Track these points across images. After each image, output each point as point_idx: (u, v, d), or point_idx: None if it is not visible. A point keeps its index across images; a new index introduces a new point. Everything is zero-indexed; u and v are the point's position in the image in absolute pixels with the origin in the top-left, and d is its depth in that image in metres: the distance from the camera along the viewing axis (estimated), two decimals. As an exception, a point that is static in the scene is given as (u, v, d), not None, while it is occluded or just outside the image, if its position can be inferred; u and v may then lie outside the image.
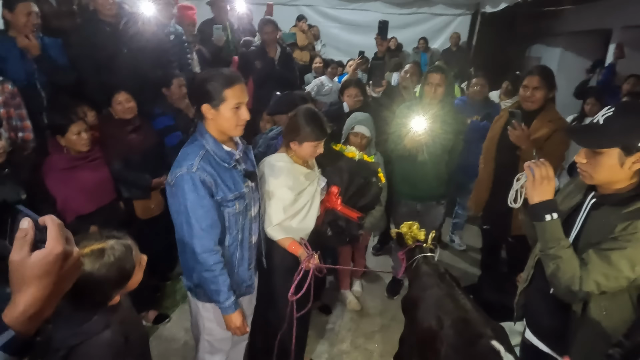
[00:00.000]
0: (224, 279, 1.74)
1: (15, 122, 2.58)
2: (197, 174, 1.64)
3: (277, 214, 2.01)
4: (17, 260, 0.65)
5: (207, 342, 1.95)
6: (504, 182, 2.79)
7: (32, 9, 2.71)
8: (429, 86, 2.87)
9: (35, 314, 0.67)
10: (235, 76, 1.69)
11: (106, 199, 2.80)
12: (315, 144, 2.01)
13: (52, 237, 0.67)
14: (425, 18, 7.99)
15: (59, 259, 0.67)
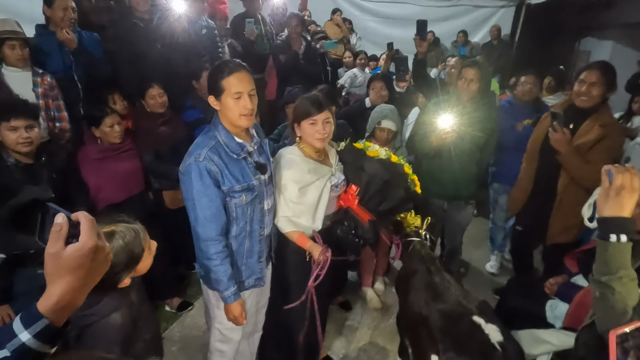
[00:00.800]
0: (224, 269, 1.76)
1: (53, 113, 2.72)
2: (203, 164, 1.68)
3: (283, 207, 2.00)
4: (52, 253, 0.68)
5: (217, 331, 1.99)
6: (544, 186, 2.72)
7: (68, 4, 2.84)
8: (463, 81, 2.75)
9: (67, 304, 0.70)
10: (233, 66, 1.70)
11: (136, 189, 2.91)
12: (312, 121, 1.94)
13: (85, 231, 0.71)
14: (465, 10, 7.71)
15: (91, 253, 0.70)
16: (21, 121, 2.13)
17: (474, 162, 2.91)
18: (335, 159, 2.17)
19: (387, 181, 2.13)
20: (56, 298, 0.69)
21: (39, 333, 0.68)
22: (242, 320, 1.86)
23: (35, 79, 2.64)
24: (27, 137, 2.14)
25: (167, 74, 3.15)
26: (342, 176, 2.12)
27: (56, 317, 0.70)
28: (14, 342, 0.67)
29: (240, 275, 1.89)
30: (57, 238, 0.69)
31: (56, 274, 0.69)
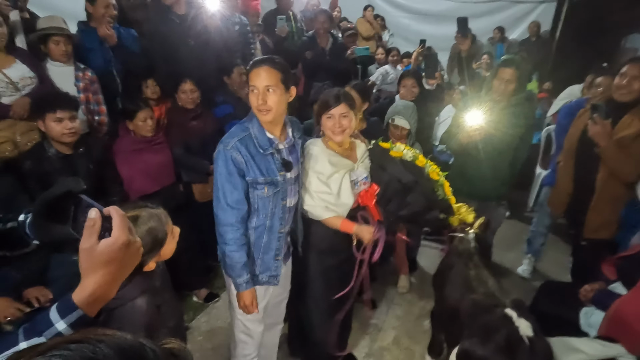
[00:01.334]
0: (240, 256, 1.80)
1: (92, 106, 2.82)
2: (230, 152, 1.75)
3: (307, 198, 2.02)
4: (86, 248, 0.71)
5: (240, 322, 2.02)
6: (585, 184, 2.63)
7: (110, 1, 2.93)
8: (499, 81, 2.66)
9: (100, 296, 0.73)
10: (256, 61, 1.77)
11: (167, 181, 2.99)
12: (329, 115, 1.96)
13: (117, 226, 0.73)
14: (503, 6, 7.44)
15: (123, 248, 0.72)
16: (66, 112, 2.24)
17: (506, 162, 2.83)
18: (364, 155, 2.16)
19: (407, 184, 2.04)
20: (90, 291, 0.72)
21: (73, 323, 0.72)
22: (253, 309, 1.89)
23: (77, 73, 2.75)
24: (71, 128, 2.26)
25: (199, 70, 3.21)
26: (364, 173, 2.08)
27: (90, 308, 0.73)
28: (51, 331, 0.71)
29: (254, 269, 1.92)
30: (91, 233, 0.71)
31: (90, 268, 0.72)
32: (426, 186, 2.09)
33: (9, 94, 2.42)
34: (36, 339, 0.71)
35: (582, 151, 2.62)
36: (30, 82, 2.50)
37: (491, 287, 1.93)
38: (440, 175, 2.16)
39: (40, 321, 0.72)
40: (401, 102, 2.92)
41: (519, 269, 3.69)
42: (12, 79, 2.42)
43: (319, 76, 3.73)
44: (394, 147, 2.19)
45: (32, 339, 0.71)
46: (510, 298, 1.85)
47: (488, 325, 1.71)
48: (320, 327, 2.25)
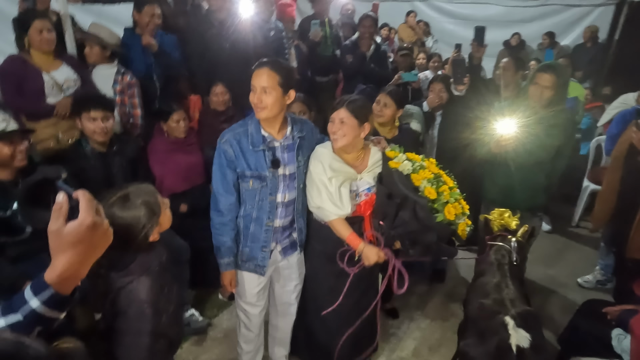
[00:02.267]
0: (224, 240, 1.98)
1: (128, 109, 2.99)
2: (222, 145, 1.92)
3: (314, 196, 2.02)
4: (54, 230, 0.75)
5: (238, 302, 2.22)
6: (629, 197, 2.45)
7: (155, 11, 3.10)
8: (536, 87, 2.53)
9: (70, 275, 0.77)
10: (259, 62, 1.87)
11: (197, 180, 3.10)
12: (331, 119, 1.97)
13: (83, 209, 0.76)
14: (555, 10, 7.08)
15: (89, 229, 0.76)
16: (99, 112, 2.39)
17: (541, 173, 2.68)
18: (376, 163, 2.08)
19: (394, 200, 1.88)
20: (60, 270, 0.76)
21: (47, 300, 0.76)
22: (230, 289, 2.09)
23: (117, 76, 2.93)
24: (103, 127, 2.40)
25: (231, 74, 3.31)
26: (366, 185, 2.02)
27: (61, 287, 0.77)
28: (25, 308, 0.76)
29: (241, 255, 2.06)
30: (58, 216, 0.75)
31: (58, 249, 0.76)
32: (419, 203, 1.87)
33: (54, 94, 2.63)
34: (12, 316, 0.76)
35: (630, 163, 2.46)
36: (74, 84, 2.70)
37: (505, 295, 1.88)
38: (443, 195, 1.91)
39: (17, 300, 0.77)
40: (411, 107, 2.97)
41: (580, 280, 3.49)
42: (57, 80, 2.63)
43: (357, 80, 3.77)
44: (396, 157, 2.03)
45: (9, 316, 0.76)
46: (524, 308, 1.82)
47: (485, 330, 1.77)
48: (321, 332, 2.27)
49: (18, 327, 0.75)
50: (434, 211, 1.91)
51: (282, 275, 2.22)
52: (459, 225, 1.95)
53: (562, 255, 3.91)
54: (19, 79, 2.59)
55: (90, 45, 2.86)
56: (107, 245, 0.82)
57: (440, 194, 1.92)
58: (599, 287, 3.40)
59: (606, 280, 3.41)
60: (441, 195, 1.92)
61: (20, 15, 2.75)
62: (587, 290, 3.37)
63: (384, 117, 2.73)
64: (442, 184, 1.96)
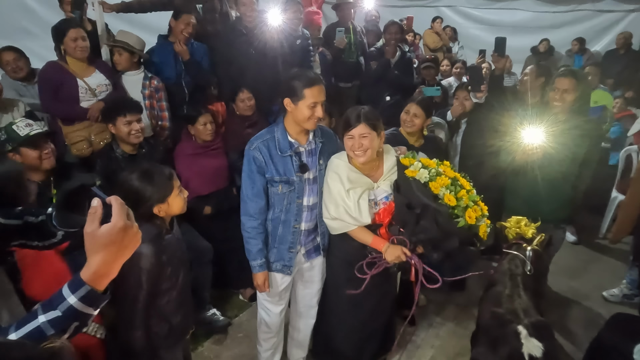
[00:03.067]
0: (256, 243, 2.05)
1: (156, 112, 3.10)
2: (252, 152, 1.99)
3: (331, 209, 2.06)
4: (89, 232, 0.83)
5: (260, 300, 2.30)
6: None
7: (191, 20, 3.21)
8: (556, 92, 2.51)
9: (104, 274, 0.85)
10: (315, 78, 1.95)
11: (222, 184, 3.18)
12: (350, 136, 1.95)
13: (116, 213, 0.84)
14: (586, 16, 6.92)
15: (121, 231, 0.83)
16: (134, 116, 2.53)
17: (567, 183, 2.63)
18: (391, 170, 2.09)
19: (414, 209, 1.88)
20: (94, 268, 0.83)
21: (83, 297, 0.83)
22: (264, 289, 2.14)
23: (145, 82, 3.05)
24: (137, 129, 2.54)
25: (258, 81, 3.38)
26: (384, 193, 2.03)
27: (96, 283, 0.84)
28: (64, 304, 0.83)
29: (269, 256, 2.14)
30: (93, 219, 0.83)
31: (93, 250, 0.83)
32: (440, 211, 1.84)
33: (87, 99, 2.77)
34: (52, 312, 0.83)
35: None
36: (105, 89, 2.83)
37: (517, 305, 1.88)
38: (463, 200, 1.88)
39: (56, 297, 0.84)
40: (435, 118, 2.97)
41: (605, 293, 3.39)
42: (90, 86, 2.76)
43: (380, 86, 3.78)
44: (411, 165, 1.99)
45: (49, 312, 0.83)
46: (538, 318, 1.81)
47: (497, 338, 1.77)
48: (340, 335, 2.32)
49: (57, 323, 0.82)
50: (455, 217, 1.87)
51: (305, 278, 2.29)
52: (480, 227, 1.92)
53: (587, 267, 3.81)
54: (56, 84, 2.74)
55: (120, 52, 2.99)
56: (137, 247, 0.88)
57: (460, 199, 1.88)
58: (625, 302, 3.31)
59: (633, 295, 3.30)
60: (460, 200, 1.89)
61: (57, 24, 2.89)
62: (613, 304, 3.27)
63: (414, 127, 2.74)
64: (460, 188, 1.93)
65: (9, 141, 2.06)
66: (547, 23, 7.10)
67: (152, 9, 3.52)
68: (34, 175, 2.14)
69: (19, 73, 3.11)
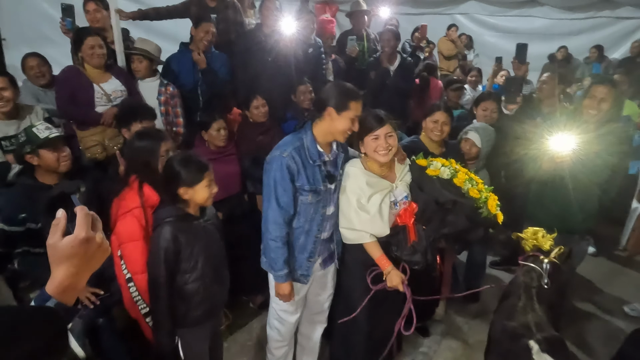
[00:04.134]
0: (283, 252, 1.99)
1: (171, 118, 3.13)
2: (286, 159, 1.91)
3: (351, 216, 2.07)
4: (51, 244, 0.81)
5: (274, 310, 2.24)
6: None
7: (210, 28, 3.25)
8: (592, 100, 2.42)
9: (69, 286, 0.82)
10: (359, 93, 1.98)
11: (234, 190, 3.17)
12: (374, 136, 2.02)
13: (78, 224, 0.81)
14: (604, 23, 6.81)
15: (82, 243, 0.81)
16: (149, 122, 2.56)
17: (595, 194, 2.55)
18: (404, 172, 2.17)
19: (444, 205, 1.98)
20: (58, 281, 0.81)
21: None
22: (290, 299, 2.08)
23: (160, 88, 3.09)
24: None
25: (272, 88, 3.40)
26: (404, 193, 2.08)
27: (63, 297, 0.81)
28: None
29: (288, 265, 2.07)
30: (56, 230, 0.81)
31: (55, 262, 0.81)
32: (467, 205, 2.01)
33: (102, 104, 2.81)
34: None
35: None
36: (121, 95, 2.87)
37: (530, 319, 1.82)
38: (483, 192, 2.05)
39: None
40: (482, 124, 2.86)
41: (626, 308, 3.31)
42: (106, 91, 2.80)
43: (382, 95, 3.75)
44: (430, 165, 2.11)
45: None
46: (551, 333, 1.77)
47: (509, 353, 1.75)
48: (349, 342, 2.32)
49: None
50: (479, 208, 2.05)
51: (319, 285, 2.26)
52: (498, 215, 2.11)
53: (607, 280, 3.70)
54: (73, 88, 2.79)
55: (140, 60, 3.03)
56: (105, 258, 0.86)
57: (481, 191, 2.06)
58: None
59: None
60: (482, 192, 2.06)
61: (75, 32, 2.96)
62: (634, 319, 3.16)
63: (443, 135, 2.64)
64: (476, 183, 2.09)
65: (29, 143, 2.10)
66: (564, 30, 7.00)
67: (168, 16, 3.58)
68: (48, 178, 2.16)
69: (42, 79, 3.18)
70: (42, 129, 2.13)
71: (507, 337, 1.81)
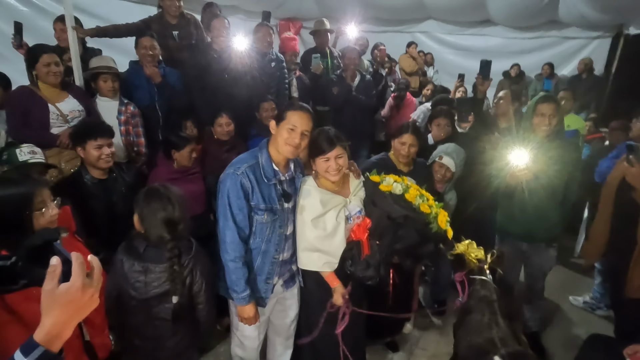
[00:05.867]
0: (244, 272, 1.93)
1: (132, 138, 3.04)
2: (239, 177, 1.88)
3: (304, 238, 2.08)
4: (48, 290, 0.80)
5: (236, 337, 2.19)
6: (622, 232, 2.42)
7: (147, 44, 3.21)
8: (541, 117, 2.57)
9: (58, 333, 0.81)
10: (302, 106, 1.96)
11: (199, 209, 3.10)
12: (325, 158, 2.02)
13: (75, 272, 0.82)
14: (553, 42, 7.24)
15: (78, 291, 0.81)
16: (105, 140, 2.45)
17: (554, 203, 2.68)
18: (358, 187, 2.21)
19: (396, 220, 2.02)
20: (47, 328, 0.80)
21: (37, 359, 0.79)
22: (255, 321, 2.02)
23: (120, 107, 3.00)
24: (108, 154, 2.45)
25: (233, 103, 3.38)
26: (357, 207, 2.11)
27: (50, 344, 0.80)
28: None
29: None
30: (52, 277, 0.80)
31: (49, 308, 0.80)
32: (418, 220, 2.05)
33: (58, 124, 2.69)
34: None
35: (622, 198, 2.42)
36: (79, 115, 2.77)
37: (495, 334, 1.85)
38: (433, 207, 2.10)
39: None
40: (454, 147, 2.90)
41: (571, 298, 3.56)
42: (63, 111, 2.70)
43: (345, 111, 3.84)
44: (383, 181, 2.16)
45: None
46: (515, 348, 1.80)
47: None
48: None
49: None
50: (429, 223, 2.08)
51: (283, 307, 2.22)
52: (448, 230, 2.15)
53: (565, 287, 3.85)
54: (26, 109, 2.66)
55: (105, 79, 2.95)
56: (93, 308, 0.85)
57: (431, 206, 2.10)
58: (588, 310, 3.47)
59: (595, 306, 3.47)
60: (432, 208, 2.11)
61: (30, 49, 2.85)
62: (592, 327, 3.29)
63: (409, 156, 2.70)
64: (427, 198, 2.13)
65: (7, 162, 2.03)
66: (517, 49, 7.39)
67: (127, 34, 3.51)
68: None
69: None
70: (26, 151, 2.07)
71: (473, 354, 1.82)
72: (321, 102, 4.26)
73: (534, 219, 2.69)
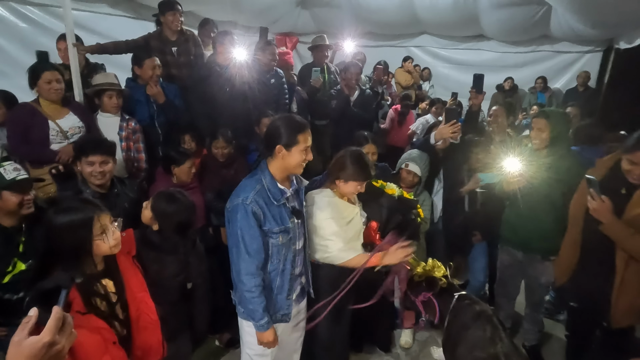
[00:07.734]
0: (261, 300, 1.92)
1: (133, 154, 3.05)
2: (250, 206, 1.84)
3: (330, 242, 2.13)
4: (15, 341, 0.79)
5: (247, 356, 2.14)
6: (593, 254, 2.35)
7: (155, 63, 3.24)
8: (534, 131, 2.72)
9: None
10: (304, 122, 1.95)
11: (197, 223, 3.10)
12: (359, 184, 2.17)
13: (47, 327, 0.81)
14: (545, 56, 7.37)
15: (44, 347, 0.80)
16: (98, 157, 2.37)
17: (549, 217, 2.67)
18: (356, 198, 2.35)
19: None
20: None
21: None
22: (275, 344, 2.02)
23: (122, 123, 3.02)
24: (100, 171, 2.38)
25: (232, 117, 3.41)
26: (364, 214, 2.29)
27: None
28: None
29: (268, 308, 1.99)
30: (24, 328, 0.80)
31: (13, 358, 0.79)
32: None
33: (58, 141, 2.71)
34: None
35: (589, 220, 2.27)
36: (78, 131, 2.78)
37: (499, 350, 1.86)
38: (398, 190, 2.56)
39: None
40: (416, 151, 3.07)
41: None
42: (62, 128, 2.71)
43: (342, 123, 3.92)
44: (386, 186, 2.49)
45: None
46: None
47: None
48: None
49: None
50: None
51: (292, 322, 2.19)
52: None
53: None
54: (26, 126, 2.68)
55: (110, 96, 2.97)
56: None
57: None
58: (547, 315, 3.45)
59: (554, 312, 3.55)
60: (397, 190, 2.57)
61: (32, 66, 2.87)
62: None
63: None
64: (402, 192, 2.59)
65: None
66: (510, 63, 7.51)
67: (127, 51, 3.54)
68: (4, 220, 2.04)
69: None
70: (10, 169, 2.01)
71: None
72: (318, 116, 4.30)
73: (530, 226, 2.72)
